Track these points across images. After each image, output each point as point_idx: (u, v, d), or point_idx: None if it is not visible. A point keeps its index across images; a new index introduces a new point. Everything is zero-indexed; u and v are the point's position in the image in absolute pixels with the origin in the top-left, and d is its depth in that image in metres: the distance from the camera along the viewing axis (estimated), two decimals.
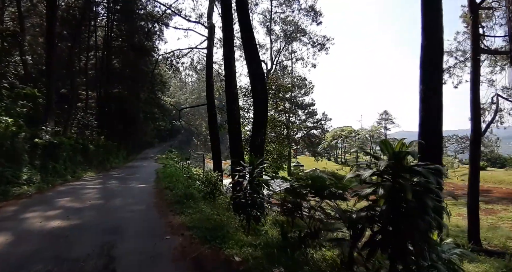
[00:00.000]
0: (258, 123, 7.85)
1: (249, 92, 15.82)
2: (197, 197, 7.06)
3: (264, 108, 7.71)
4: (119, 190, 9.29)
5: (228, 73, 8.97)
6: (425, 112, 6.07)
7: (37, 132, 12.75)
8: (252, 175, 5.20)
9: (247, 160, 9.04)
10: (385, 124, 74.84)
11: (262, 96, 7.69)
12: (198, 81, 69.02)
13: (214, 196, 9.02)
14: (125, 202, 7.18)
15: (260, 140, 7.85)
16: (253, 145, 7.92)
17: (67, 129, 19.87)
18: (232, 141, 8.88)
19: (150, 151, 40.22)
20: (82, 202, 7.15)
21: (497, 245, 12.39)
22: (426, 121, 6.08)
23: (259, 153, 7.95)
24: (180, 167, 21.48)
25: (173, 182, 10.57)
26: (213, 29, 16.68)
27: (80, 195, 8.36)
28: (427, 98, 6.05)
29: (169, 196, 7.48)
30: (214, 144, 16.13)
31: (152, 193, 8.52)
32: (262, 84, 7.75)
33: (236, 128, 8.87)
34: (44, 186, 10.43)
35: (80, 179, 13.72)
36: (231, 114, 8.88)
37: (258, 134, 7.85)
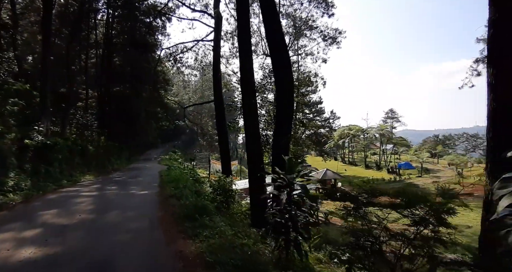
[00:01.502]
0: (283, 117, 6.48)
1: (261, 87, 14.43)
2: (210, 209, 5.68)
3: (290, 97, 6.33)
4: (118, 199, 7.95)
5: (244, 60, 7.60)
6: None
7: (28, 133, 11.49)
8: (291, 186, 3.81)
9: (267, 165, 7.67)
10: (391, 122, 73.22)
11: (287, 85, 6.32)
12: (201, 80, 67.87)
13: (228, 205, 7.69)
14: (123, 216, 5.84)
15: (285, 138, 6.49)
16: (276, 145, 6.56)
17: (65, 129, 18.61)
18: (249, 141, 7.52)
19: (153, 152, 38.93)
20: (71, 216, 5.82)
21: None
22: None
23: (284, 154, 6.58)
24: (185, 169, 20.19)
25: (180, 188, 9.22)
26: (220, 20, 15.34)
27: (71, 205, 7.05)
28: None
29: (177, 208, 6.13)
30: (222, 144, 14.79)
31: (155, 203, 7.17)
32: (287, 67, 6.36)
33: (254, 126, 7.50)
34: (34, 193, 9.16)
35: (76, 184, 12.43)
36: (249, 109, 7.52)
37: (282, 132, 6.49)
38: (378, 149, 63.59)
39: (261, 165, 7.41)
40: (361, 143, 57.46)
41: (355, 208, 3.78)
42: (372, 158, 60.53)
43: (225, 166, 14.34)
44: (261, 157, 7.57)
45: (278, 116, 6.45)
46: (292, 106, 6.33)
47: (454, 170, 45.54)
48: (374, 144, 63.72)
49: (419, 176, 40.55)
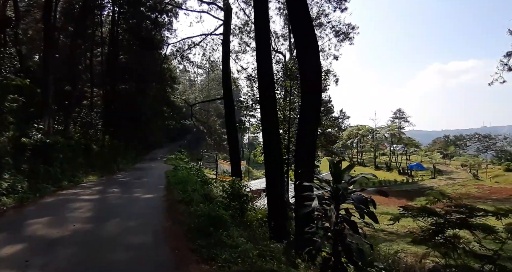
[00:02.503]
0: (309, 108, 5.57)
1: None
2: (226, 219, 4.80)
3: (318, 81, 5.41)
4: (119, 204, 7.14)
5: (261, 47, 6.70)
6: None
7: (26, 131, 10.77)
8: (341, 198, 2.89)
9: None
10: (399, 122, 71.60)
11: (315, 68, 5.41)
12: (207, 79, 67.24)
13: (243, 212, 6.82)
14: (124, 226, 5.00)
15: (311, 133, 5.59)
16: (301, 142, 5.64)
17: (68, 128, 17.95)
18: (268, 140, 6.63)
19: (159, 151, 38.30)
20: (64, 226, 5.01)
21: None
22: None
23: (310, 154, 5.69)
24: (192, 169, 19.40)
25: (188, 191, 8.38)
26: (229, 12, 14.48)
27: (67, 211, 6.25)
28: None
29: (186, 217, 5.27)
30: (231, 144, 13.94)
31: (161, 210, 6.33)
32: (315, 51, 5.45)
33: (273, 123, 6.61)
34: (30, 196, 8.40)
35: (78, 185, 11.69)
36: (267, 104, 6.62)
37: (308, 126, 5.59)
38: (386, 149, 62.22)
39: (281, 168, 6.52)
40: (370, 143, 56.09)
41: (437, 232, 2.87)
42: (381, 159, 59.14)
43: (234, 167, 13.47)
44: (281, 159, 6.68)
45: (303, 106, 5.52)
46: (320, 92, 5.40)
47: (468, 172, 44.08)
48: (382, 144, 62.35)
49: (432, 177, 39.21)
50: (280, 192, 6.36)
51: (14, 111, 12.73)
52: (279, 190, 6.36)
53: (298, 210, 5.68)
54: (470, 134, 77.48)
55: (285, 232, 6.24)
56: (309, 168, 5.64)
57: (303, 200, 5.65)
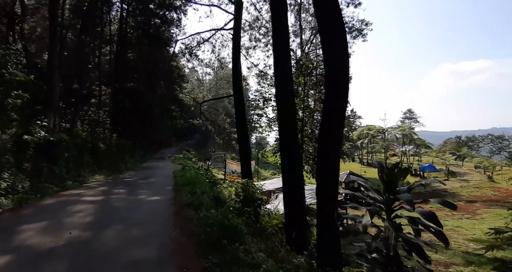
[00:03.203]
0: (334, 102, 4.91)
1: None
2: (241, 229, 4.16)
3: (345, 71, 4.75)
4: (123, 207, 6.58)
5: (278, 36, 6.05)
6: None
7: (29, 128, 10.35)
8: (391, 210, 2.22)
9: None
10: (410, 123, 69.95)
11: (342, 55, 4.75)
12: (216, 78, 66.85)
13: (257, 217, 6.18)
14: (126, 236, 4.42)
15: (337, 131, 4.94)
16: (324, 140, 4.98)
17: (74, 126, 17.60)
18: (285, 140, 5.97)
19: (167, 150, 37.97)
20: (59, 233, 4.46)
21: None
22: None
23: (334, 154, 5.02)
24: (200, 169, 18.87)
25: (197, 193, 7.80)
26: (240, 6, 13.85)
27: (66, 215, 5.72)
28: None
29: (196, 225, 4.66)
30: (242, 143, 13.30)
31: (168, 215, 5.73)
32: (342, 34, 4.78)
33: (291, 121, 5.95)
34: (30, 196, 7.95)
35: (82, 185, 11.25)
36: (284, 100, 5.97)
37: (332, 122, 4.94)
38: (396, 150, 60.78)
39: (300, 170, 5.86)
40: (381, 143, 54.79)
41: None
42: (392, 160, 57.72)
43: (245, 168, 12.83)
44: (300, 160, 6.02)
45: (329, 98, 4.85)
46: (348, 84, 4.73)
47: (482, 173, 42.56)
48: (392, 145, 60.95)
49: (445, 179, 37.85)
50: (299, 196, 5.71)
51: (19, 108, 12.42)
52: (298, 195, 5.71)
53: (320, 217, 5.01)
54: (483, 135, 75.16)
55: (304, 241, 5.59)
56: (333, 170, 4.97)
57: (328, 206, 5.00)
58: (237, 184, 7.42)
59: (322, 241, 4.95)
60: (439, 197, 28.30)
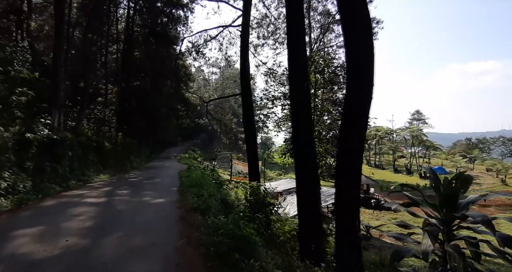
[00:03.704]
0: (358, 99, 4.47)
1: None
2: (254, 240, 3.73)
3: (370, 64, 4.31)
4: (126, 211, 6.20)
5: (293, 27, 5.59)
6: None
7: (32, 126, 10.08)
8: (450, 229, 1.76)
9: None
10: (418, 124, 68.78)
11: (366, 47, 4.30)
12: (222, 78, 66.56)
13: (268, 224, 5.75)
14: (127, 245, 4.01)
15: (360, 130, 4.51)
16: (346, 141, 4.54)
17: (79, 124, 17.39)
18: (300, 140, 5.52)
19: (173, 150, 37.77)
20: (54, 241, 4.08)
21: None
22: None
23: (357, 156, 4.57)
24: (206, 169, 18.52)
25: (203, 196, 7.40)
26: (249, 1, 13.42)
27: (65, 219, 5.35)
28: None
29: (204, 233, 4.24)
30: (250, 143, 12.87)
31: (174, 220, 5.32)
32: (367, 23, 4.34)
33: (306, 119, 5.50)
34: (31, 197, 7.66)
35: (86, 185, 10.96)
36: (299, 96, 5.52)
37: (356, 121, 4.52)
38: (404, 151, 59.75)
39: (316, 174, 5.41)
40: (389, 145, 53.85)
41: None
42: (400, 161, 56.73)
43: (252, 169, 12.39)
44: (316, 163, 5.56)
45: (351, 94, 4.39)
46: (373, 79, 4.29)
47: (495, 177, 41.47)
48: (400, 147, 59.99)
49: None
50: (315, 203, 5.25)
51: (23, 105, 12.19)
52: (313, 202, 5.25)
53: (341, 228, 4.55)
54: (494, 137, 73.51)
55: (320, 251, 5.13)
56: (355, 175, 4.52)
57: (349, 216, 4.54)
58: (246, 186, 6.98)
59: (342, 254, 4.50)
60: None
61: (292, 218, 11.57)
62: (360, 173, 4.66)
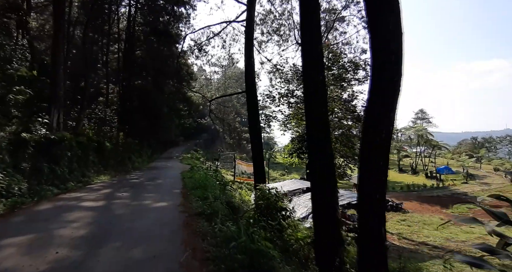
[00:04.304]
0: (384, 92, 4.00)
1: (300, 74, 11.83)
2: (271, 255, 3.25)
3: (398, 51, 3.84)
4: (125, 216, 5.73)
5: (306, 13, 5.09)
6: None
7: (29, 125, 9.65)
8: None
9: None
10: (421, 123, 67.91)
11: (395, 31, 3.82)
12: (224, 77, 66.12)
13: (281, 231, 5.26)
14: (124, 258, 3.54)
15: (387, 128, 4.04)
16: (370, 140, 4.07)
17: (80, 124, 16.98)
18: (315, 138, 5.04)
19: (175, 150, 37.36)
20: (44, 252, 3.63)
21: None
22: None
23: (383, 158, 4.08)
24: (209, 170, 18.06)
25: (208, 199, 6.92)
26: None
27: (59, 225, 4.91)
28: None
29: (212, 245, 3.76)
30: (255, 142, 12.38)
31: (177, 228, 4.84)
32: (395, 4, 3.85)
33: (321, 115, 5.01)
34: (26, 200, 7.23)
35: (86, 187, 10.54)
36: (314, 90, 5.03)
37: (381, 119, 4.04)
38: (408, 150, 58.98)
39: (333, 177, 4.93)
40: (394, 144, 53.16)
41: None
42: (404, 161, 55.95)
43: (258, 169, 11.88)
44: (333, 163, 5.06)
45: (377, 87, 3.91)
46: (401, 69, 3.82)
47: (503, 176, 40.68)
48: (403, 146, 59.23)
49: (464, 182, 36.20)
50: (333, 208, 4.76)
51: (21, 104, 11.79)
52: (331, 206, 4.76)
53: (364, 235, 4.06)
54: (501, 136, 72.60)
55: (339, 262, 4.64)
56: (380, 177, 4.04)
57: (374, 222, 4.04)
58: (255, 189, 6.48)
59: (366, 266, 4.01)
60: (460, 201, 26.78)
61: (299, 221, 11.08)
62: (387, 175, 4.17)
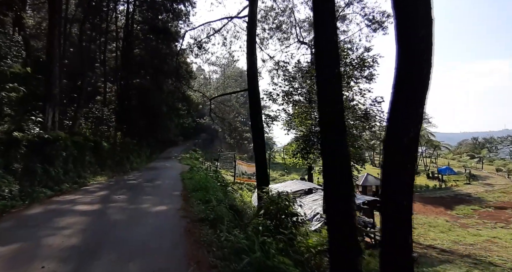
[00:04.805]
0: (412, 87, 3.61)
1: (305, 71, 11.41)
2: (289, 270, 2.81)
3: (428, 40, 3.43)
4: (121, 223, 5.27)
5: None
6: None
7: (21, 124, 9.17)
8: None
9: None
10: None
11: (425, 17, 3.39)
12: (223, 77, 65.58)
13: (293, 239, 4.82)
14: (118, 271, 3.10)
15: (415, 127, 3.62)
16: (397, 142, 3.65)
17: (76, 123, 16.49)
18: (329, 136, 4.61)
19: (174, 150, 36.89)
20: (29, 265, 3.20)
21: None
22: None
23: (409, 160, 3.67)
24: (209, 171, 17.62)
25: (211, 202, 6.49)
26: None
27: (48, 233, 4.46)
28: None
29: (218, 258, 3.32)
30: (257, 143, 11.92)
31: (179, 236, 4.39)
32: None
33: (338, 110, 4.59)
34: (17, 203, 6.80)
35: (81, 188, 10.09)
36: (329, 83, 4.60)
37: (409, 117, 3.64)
38: None
39: (350, 180, 4.50)
40: None
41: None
42: None
43: (261, 170, 11.40)
44: (349, 164, 4.63)
45: (404, 82, 3.50)
46: (432, 65, 3.41)
47: (506, 177, 40.41)
48: None
49: (467, 183, 35.86)
50: (350, 214, 4.33)
51: (14, 102, 11.31)
52: (348, 212, 4.32)
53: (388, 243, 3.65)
54: (502, 137, 72.45)
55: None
56: (408, 181, 3.62)
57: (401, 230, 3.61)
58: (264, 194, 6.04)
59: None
60: (463, 202, 26.45)
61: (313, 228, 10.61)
62: (414, 178, 3.75)
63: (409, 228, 3.69)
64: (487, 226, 18.04)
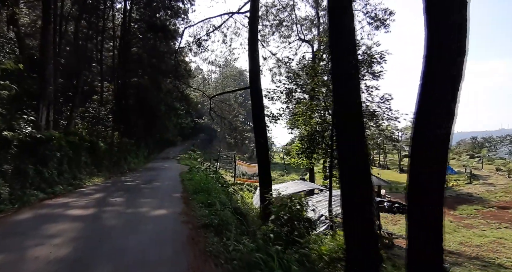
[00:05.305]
0: (444, 81, 3.19)
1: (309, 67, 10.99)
2: None
3: (462, 36, 3.01)
4: (117, 229, 4.84)
5: None
6: None
7: (12, 122, 8.71)
8: None
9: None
10: None
11: (459, 13, 2.96)
12: (222, 76, 65.05)
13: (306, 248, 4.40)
14: None
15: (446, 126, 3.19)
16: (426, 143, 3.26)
17: (71, 122, 16.00)
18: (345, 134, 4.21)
19: (172, 150, 36.40)
20: None
21: None
22: None
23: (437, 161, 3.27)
24: (209, 171, 17.21)
25: (214, 205, 6.07)
26: None
27: (35, 243, 4.02)
28: None
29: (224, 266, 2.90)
30: (260, 143, 11.49)
31: (181, 245, 3.96)
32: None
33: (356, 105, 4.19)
34: (6, 207, 6.40)
35: (76, 191, 9.65)
36: (347, 76, 4.20)
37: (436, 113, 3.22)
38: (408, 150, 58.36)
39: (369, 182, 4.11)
40: (395, 144, 52.59)
41: None
42: (404, 161, 55.38)
43: (263, 171, 10.97)
44: (368, 165, 4.22)
45: (435, 78, 3.10)
46: (465, 53, 3.00)
47: (507, 177, 40.18)
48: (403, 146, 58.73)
49: (468, 182, 35.60)
50: (370, 219, 3.93)
51: (6, 100, 10.84)
52: (367, 217, 3.92)
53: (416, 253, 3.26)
54: (501, 136, 72.40)
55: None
56: (438, 185, 3.23)
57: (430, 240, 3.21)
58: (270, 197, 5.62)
59: None
60: (466, 202, 26.14)
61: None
62: (445, 181, 3.35)
63: (440, 234, 3.30)
64: (491, 227, 17.72)
